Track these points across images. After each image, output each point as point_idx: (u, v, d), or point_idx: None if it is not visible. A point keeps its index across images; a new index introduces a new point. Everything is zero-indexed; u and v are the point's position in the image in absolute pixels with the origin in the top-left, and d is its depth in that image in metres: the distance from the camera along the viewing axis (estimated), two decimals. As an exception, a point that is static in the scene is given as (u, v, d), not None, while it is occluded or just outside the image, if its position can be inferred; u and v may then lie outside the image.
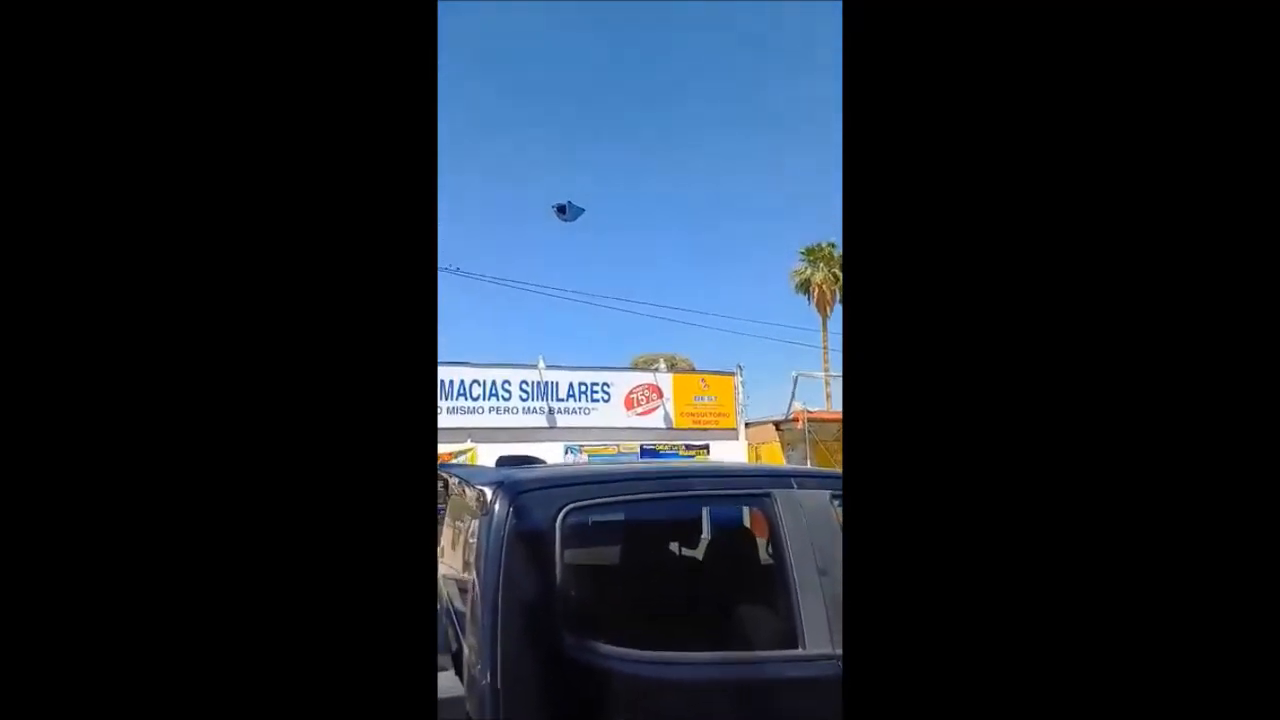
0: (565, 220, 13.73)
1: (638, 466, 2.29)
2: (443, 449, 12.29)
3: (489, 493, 1.61)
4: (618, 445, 13.48)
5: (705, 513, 2.78)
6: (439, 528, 2.35)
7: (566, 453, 12.98)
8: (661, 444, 13.91)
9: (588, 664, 1.51)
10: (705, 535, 2.72)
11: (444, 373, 13.37)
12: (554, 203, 13.61)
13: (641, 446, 13.66)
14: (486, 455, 11.76)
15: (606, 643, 1.56)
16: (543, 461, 2.39)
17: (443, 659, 1.66)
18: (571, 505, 1.67)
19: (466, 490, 1.91)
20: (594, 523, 1.78)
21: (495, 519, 1.56)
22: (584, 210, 14.16)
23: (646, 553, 2.59)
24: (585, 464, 5.12)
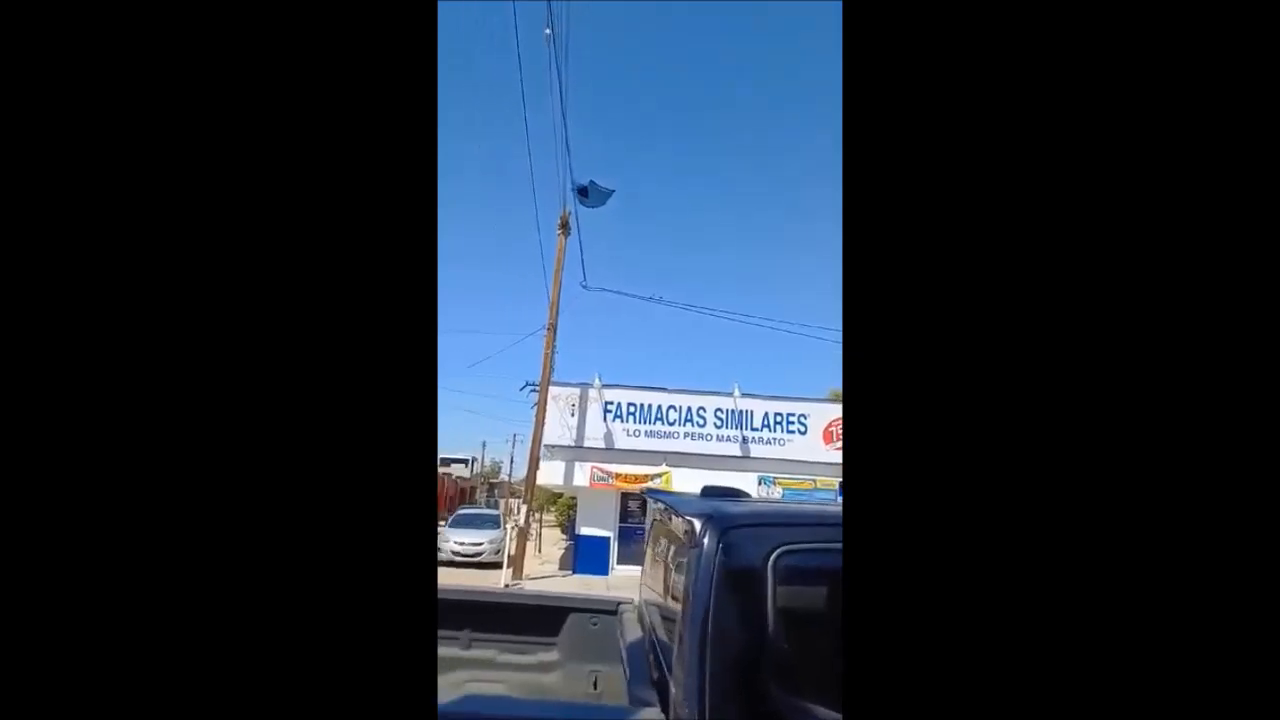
0: (588, 205, 12.04)
1: None
2: (638, 470, 12.73)
3: (698, 525, 1.55)
4: (814, 480, 12.81)
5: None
6: (644, 549, 2.36)
7: (760, 484, 12.66)
8: (863, 483, 12.90)
9: (798, 727, 1.37)
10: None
11: (641, 396, 13.91)
12: (578, 183, 11.67)
13: (840, 484, 12.83)
14: (680, 479, 11.94)
15: (815, 704, 1.41)
16: (749, 495, 2.29)
17: (645, 690, 1.62)
18: (784, 547, 1.55)
19: (673, 518, 1.88)
20: (803, 567, 1.64)
21: (704, 553, 1.50)
22: (613, 191, 12.07)
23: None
24: (791, 502, 4.98)
